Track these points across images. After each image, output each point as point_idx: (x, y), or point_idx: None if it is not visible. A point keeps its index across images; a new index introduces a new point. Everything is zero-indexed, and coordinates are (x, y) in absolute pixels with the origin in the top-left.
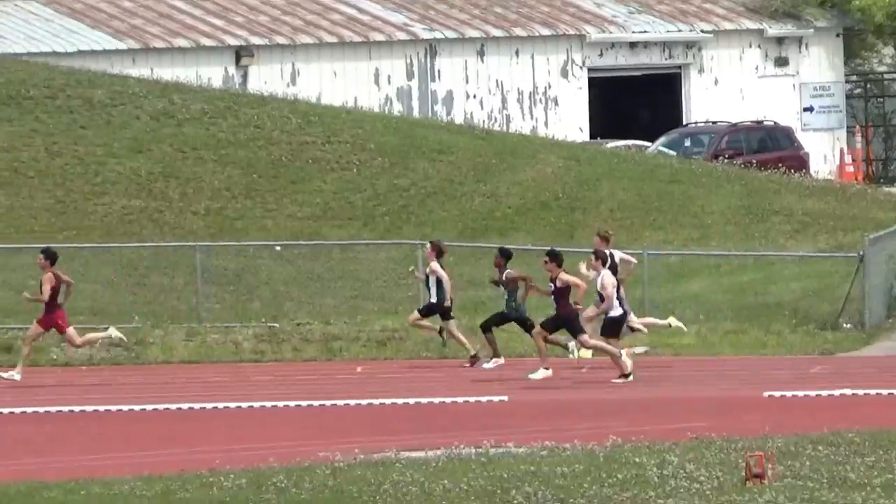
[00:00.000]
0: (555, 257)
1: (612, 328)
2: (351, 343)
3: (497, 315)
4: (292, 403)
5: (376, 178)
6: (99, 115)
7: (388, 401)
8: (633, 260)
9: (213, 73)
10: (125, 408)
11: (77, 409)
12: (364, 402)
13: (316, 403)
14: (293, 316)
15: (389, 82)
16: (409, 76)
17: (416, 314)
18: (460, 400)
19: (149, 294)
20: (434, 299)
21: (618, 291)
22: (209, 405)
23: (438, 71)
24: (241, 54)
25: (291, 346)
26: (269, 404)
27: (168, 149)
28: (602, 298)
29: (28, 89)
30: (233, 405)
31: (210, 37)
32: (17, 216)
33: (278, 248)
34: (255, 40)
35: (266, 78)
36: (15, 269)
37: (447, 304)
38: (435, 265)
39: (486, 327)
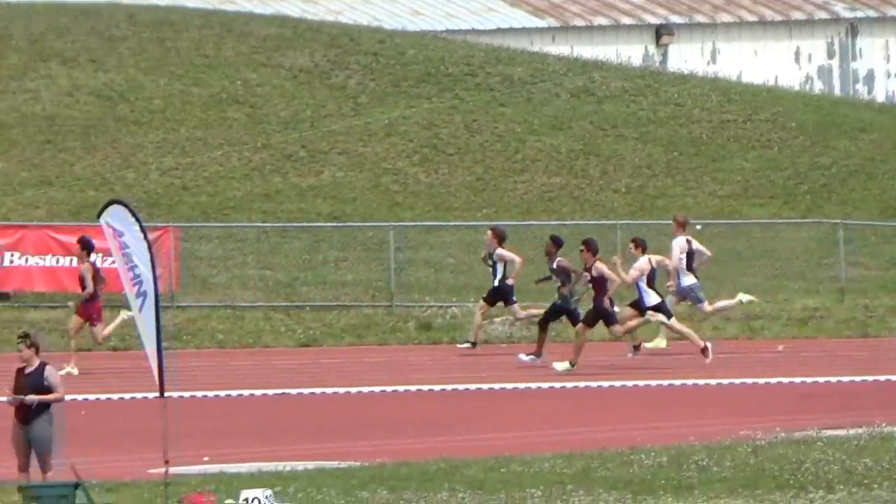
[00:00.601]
0: (590, 245)
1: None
2: (772, 322)
3: (552, 308)
4: (713, 381)
5: (797, 157)
6: (519, 92)
7: (809, 379)
8: (708, 252)
9: (632, 52)
10: (544, 385)
11: (497, 387)
12: (786, 380)
13: (737, 381)
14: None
15: (810, 61)
16: (830, 55)
17: (482, 303)
18: (882, 378)
19: None
20: (497, 283)
21: (650, 280)
22: (629, 383)
23: (860, 50)
24: (661, 33)
25: (711, 324)
26: (689, 382)
27: (588, 126)
28: (646, 283)
29: (447, 66)
30: (654, 383)
31: (630, 15)
32: (437, 193)
33: (699, 226)
34: (675, 19)
35: (686, 56)
36: (433, 246)
37: (509, 283)
38: (501, 251)
39: (543, 323)
